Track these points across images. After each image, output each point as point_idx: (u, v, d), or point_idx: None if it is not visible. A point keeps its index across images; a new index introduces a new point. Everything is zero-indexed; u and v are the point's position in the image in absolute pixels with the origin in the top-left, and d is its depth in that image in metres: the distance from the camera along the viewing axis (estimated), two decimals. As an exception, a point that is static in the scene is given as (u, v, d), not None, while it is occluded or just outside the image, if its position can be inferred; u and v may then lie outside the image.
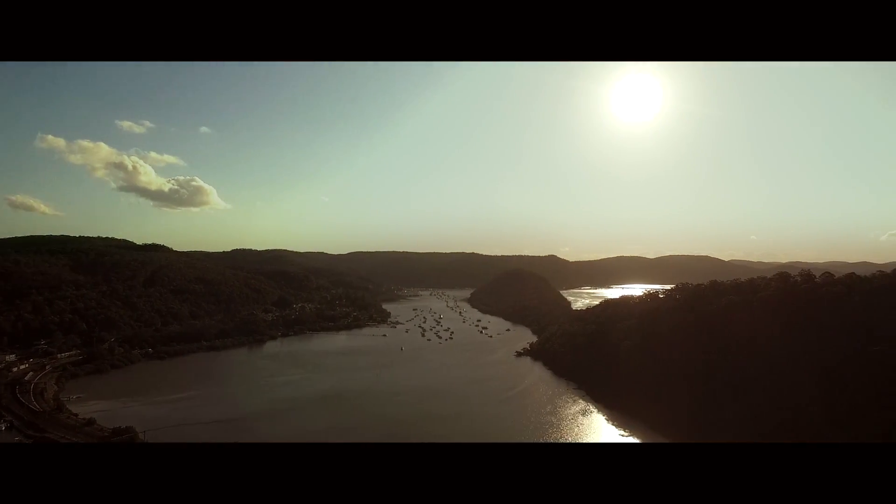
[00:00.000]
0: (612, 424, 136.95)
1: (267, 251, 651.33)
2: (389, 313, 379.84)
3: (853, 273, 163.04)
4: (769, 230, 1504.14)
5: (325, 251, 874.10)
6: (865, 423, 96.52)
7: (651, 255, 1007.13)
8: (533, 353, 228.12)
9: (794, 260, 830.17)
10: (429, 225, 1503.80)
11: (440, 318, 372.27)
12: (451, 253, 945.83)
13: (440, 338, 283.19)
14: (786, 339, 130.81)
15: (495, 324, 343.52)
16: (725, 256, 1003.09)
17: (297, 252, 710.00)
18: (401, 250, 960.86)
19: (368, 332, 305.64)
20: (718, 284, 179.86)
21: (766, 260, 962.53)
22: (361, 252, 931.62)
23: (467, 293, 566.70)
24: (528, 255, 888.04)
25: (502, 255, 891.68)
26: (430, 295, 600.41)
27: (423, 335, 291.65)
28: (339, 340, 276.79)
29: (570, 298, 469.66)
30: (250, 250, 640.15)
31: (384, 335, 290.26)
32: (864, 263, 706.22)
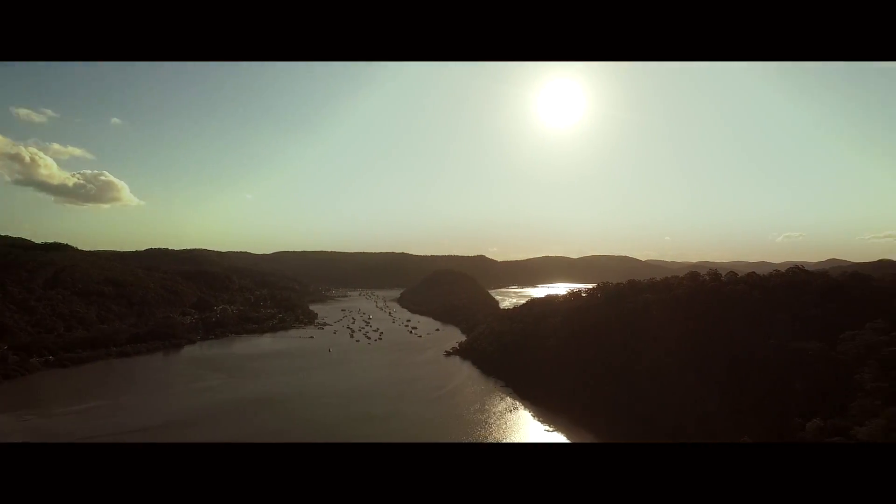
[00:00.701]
0: (538, 420, 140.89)
1: (185, 251, 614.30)
2: (317, 314, 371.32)
3: (753, 272, 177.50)
4: (682, 231, 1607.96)
5: (249, 251, 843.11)
6: (764, 409, 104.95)
7: (574, 256, 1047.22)
8: (462, 352, 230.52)
9: (704, 260, 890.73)
10: (358, 225, 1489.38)
11: (369, 318, 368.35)
12: (381, 253, 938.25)
13: (369, 339, 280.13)
14: (696, 334, 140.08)
15: (425, 324, 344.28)
16: (643, 256, 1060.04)
17: (218, 252, 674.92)
18: (329, 250, 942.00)
19: (295, 334, 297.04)
20: (636, 283, 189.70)
21: (678, 260, 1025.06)
22: (288, 252, 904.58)
23: (397, 293, 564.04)
24: (457, 255, 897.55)
25: (432, 255, 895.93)
26: (360, 295, 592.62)
27: (351, 336, 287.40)
28: (263, 343, 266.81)
29: (498, 298, 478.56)
30: (167, 250, 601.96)
31: (311, 337, 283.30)
32: (763, 263, 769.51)
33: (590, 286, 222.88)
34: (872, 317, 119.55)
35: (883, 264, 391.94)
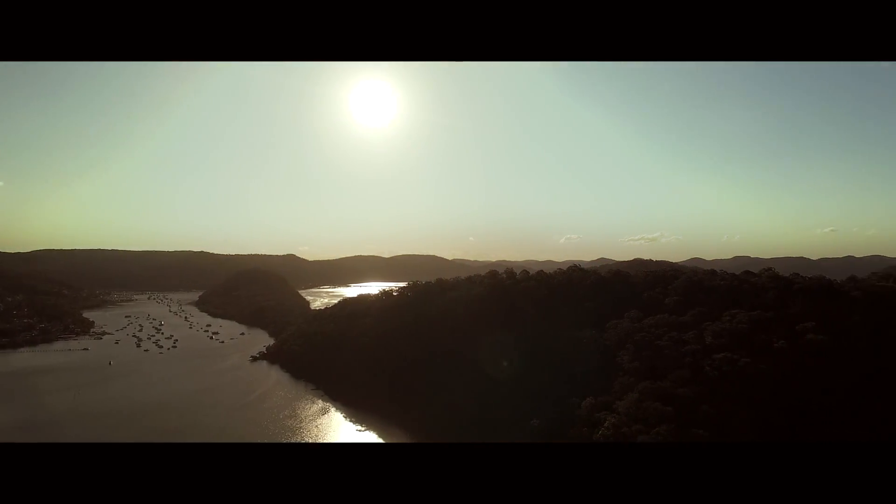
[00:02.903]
0: (351, 421, 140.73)
1: None
2: (93, 322, 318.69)
3: (542, 270, 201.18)
4: (483, 232, 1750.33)
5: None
6: (551, 392, 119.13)
7: (386, 255, 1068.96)
8: (270, 356, 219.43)
9: (502, 259, 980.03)
10: (148, 220, 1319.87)
11: (161, 324, 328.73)
12: (176, 251, 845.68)
13: (161, 347, 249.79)
14: (495, 327, 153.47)
15: (228, 328, 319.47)
16: (449, 256, 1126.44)
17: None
18: (109, 248, 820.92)
19: (63, 346, 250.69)
20: (443, 282, 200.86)
21: (481, 259, 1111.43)
22: (51, 250, 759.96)
23: (195, 296, 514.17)
24: (265, 254, 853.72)
25: (237, 254, 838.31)
26: (149, 299, 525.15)
27: (138, 345, 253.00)
28: (17, 360, 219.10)
29: (309, 298, 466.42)
30: None
31: (85, 349, 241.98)
32: (549, 262, 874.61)
33: (401, 285, 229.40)
34: (630, 308, 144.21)
35: (637, 262, 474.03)
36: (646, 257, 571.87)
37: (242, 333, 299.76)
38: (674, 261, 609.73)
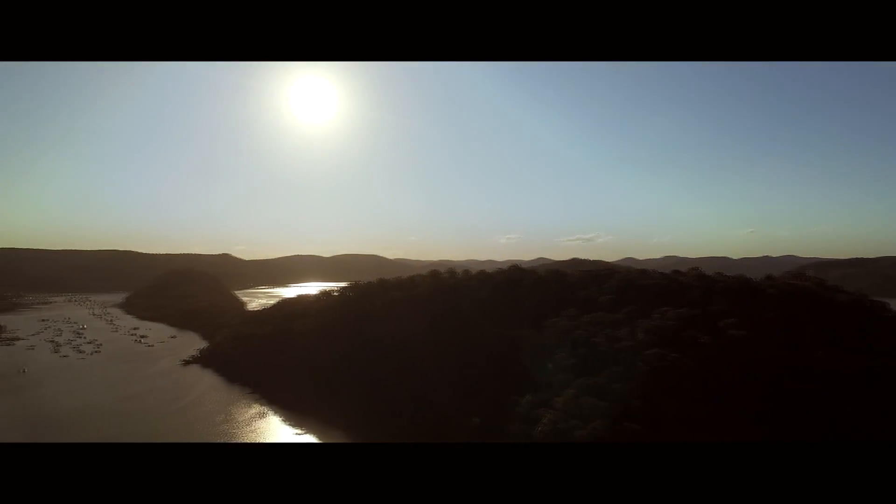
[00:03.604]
0: (289, 424, 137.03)
1: None
2: (3, 327, 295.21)
3: (483, 270, 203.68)
4: (426, 231, 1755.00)
5: None
6: (490, 390, 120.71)
7: (326, 254, 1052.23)
8: (203, 359, 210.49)
9: (444, 258, 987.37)
10: (68, 216, 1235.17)
11: (82, 328, 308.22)
12: (100, 251, 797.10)
13: (82, 353, 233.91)
14: (436, 325, 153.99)
15: (157, 331, 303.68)
16: (391, 255, 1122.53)
17: None
18: (22, 247, 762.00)
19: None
20: (385, 282, 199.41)
21: (422, 258, 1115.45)
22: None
23: (121, 297, 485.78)
24: (197, 254, 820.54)
25: (167, 254, 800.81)
26: (69, 301, 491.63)
27: (55, 351, 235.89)
28: None
29: (245, 299, 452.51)
30: None
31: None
32: (490, 261, 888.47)
33: (342, 285, 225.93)
34: (567, 306, 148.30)
35: (574, 262, 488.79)
36: (582, 257, 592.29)
37: (173, 336, 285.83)
38: (609, 260, 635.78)
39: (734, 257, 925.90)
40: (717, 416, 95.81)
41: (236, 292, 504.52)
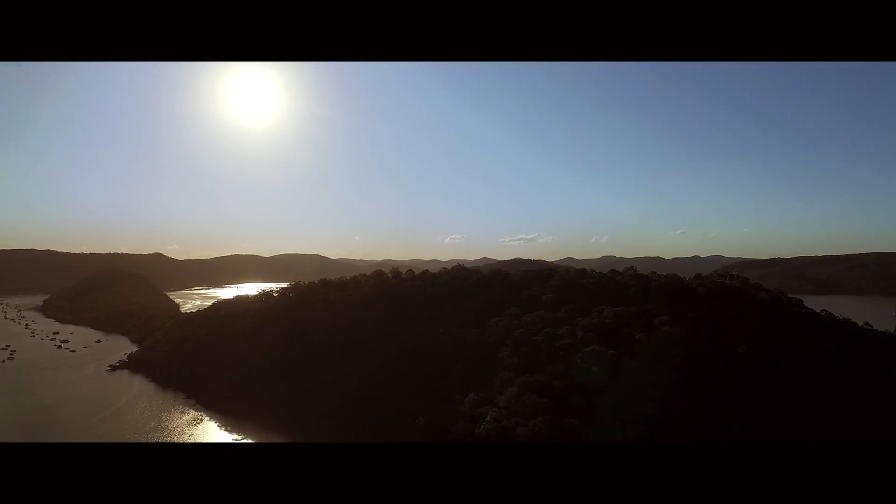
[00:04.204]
0: (225, 430, 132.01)
1: None
2: None
3: (427, 270, 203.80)
4: (369, 231, 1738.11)
5: None
6: (434, 390, 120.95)
7: (266, 254, 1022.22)
8: (132, 364, 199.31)
9: (388, 258, 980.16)
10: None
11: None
12: (15, 250, 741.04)
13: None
14: (380, 326, 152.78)
15: (81, 335, 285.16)
16: (334, 255, 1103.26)
17: None
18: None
19: None
20: (328, 282, 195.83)
21: (366, 259, 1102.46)
22: None
23: (40, 300, 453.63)
24: (126, 254, 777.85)
25: (92, 254, 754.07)
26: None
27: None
28: None
29: (178, 301, 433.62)
30: None
31: None
32: (434, 261, 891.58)
33: (283, 285, 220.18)
34: (510, 305, 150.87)
35: (517, 262, 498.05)
36: (525, 257, 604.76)
37: (98, 341, 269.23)
38: (550, 260, 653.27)
39: (667, 257, 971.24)
40: (650, 410, 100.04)
41: (169, 294, 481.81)
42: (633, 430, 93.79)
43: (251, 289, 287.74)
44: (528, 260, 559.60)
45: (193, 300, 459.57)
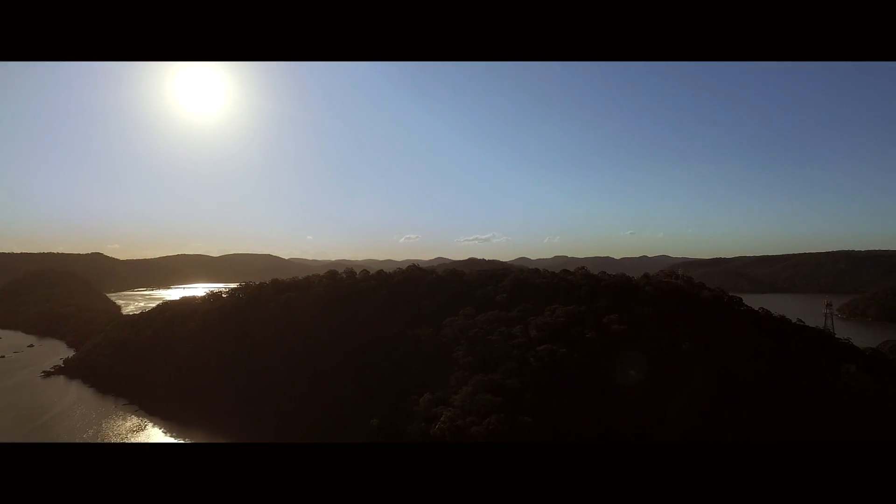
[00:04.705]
0: (171, 436, 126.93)
1: None
2: None
3: (382, 270, 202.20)
4: (323, 230, 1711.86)
5: None
6: (389, 390, 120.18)
7: (215, 253, 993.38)
8: (69, 370, 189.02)
9: (342, 258, 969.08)
10: None
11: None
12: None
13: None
14: (333, 327, 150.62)
15: (11, 339, 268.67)
16: (286, 255, 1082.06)
17: None
18: None
19: None
20: (279, 282, 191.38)
21: (319, 258, 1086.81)
22: None
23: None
24: (62, 253, 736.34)
25: (24, 253, 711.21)
26: None
27: None
28: None
29: (120, 302, 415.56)
30: None
31: None
32: (389, 261, 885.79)
33: (232, 286, 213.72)
34: (465, 305, 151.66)
35: (471, 262, 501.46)
36: (479, 256, 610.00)
37: (31, 346, 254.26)
38: (504, 260, 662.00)
39: (616, 257, 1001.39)
40: (601, 407, 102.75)
41: (110, 295, 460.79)
42: (586, 429, 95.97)
43: (199, 290, 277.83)
44: (483, 260, 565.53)
45: (136, 302, 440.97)
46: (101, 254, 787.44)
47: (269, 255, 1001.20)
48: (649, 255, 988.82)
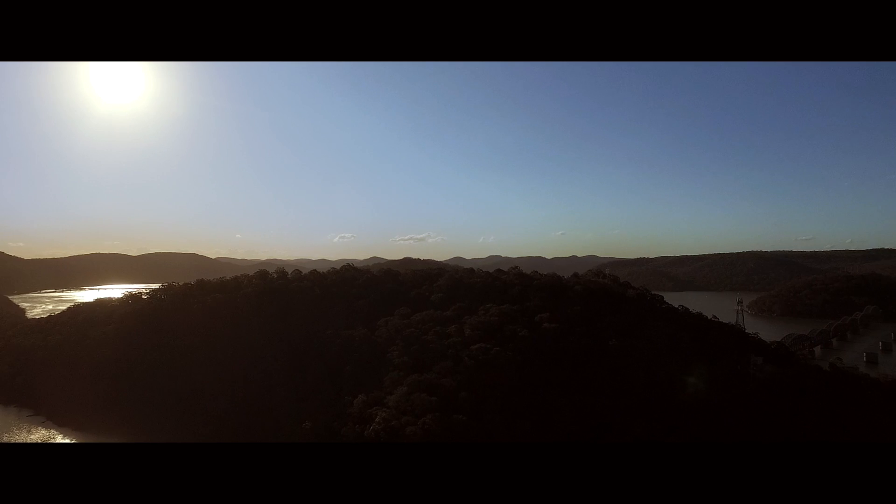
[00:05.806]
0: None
1: None
2: None
3: (315, 270, 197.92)
4: (252, 229, 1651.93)
5: None
6: (322, 392, 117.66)
7: (134, 253, 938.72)
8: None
9: (273, 257, 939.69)
10: None
11: None
12: None
13: None
14: (265, 328, 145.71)
15: None
16: (212, 254, 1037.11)
17: None
18: None
19: None
20: (205, 283, 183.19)
21: (249, 257, 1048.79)
22: None
23: None
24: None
25: None
26: None
27: None
28: None
29: (25, 305, 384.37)
30: None
31: None
32: (323, 260, 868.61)
33: (154, 287, 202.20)
34: (400, 305, 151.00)
35: (407, 261, 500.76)
36: (415, 256, 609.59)
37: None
38: (439, 260, 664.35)
39: (548, 257, 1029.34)
40: (533, 404, 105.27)
41: (12, 297, 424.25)
42: (518, 427, 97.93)
43: (116, 291, 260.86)
44: (419, 259, 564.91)
45: (44, 304, 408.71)
46: (3, 252, 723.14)
47: (194, 254, 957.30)
48: (579, 255, 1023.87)
